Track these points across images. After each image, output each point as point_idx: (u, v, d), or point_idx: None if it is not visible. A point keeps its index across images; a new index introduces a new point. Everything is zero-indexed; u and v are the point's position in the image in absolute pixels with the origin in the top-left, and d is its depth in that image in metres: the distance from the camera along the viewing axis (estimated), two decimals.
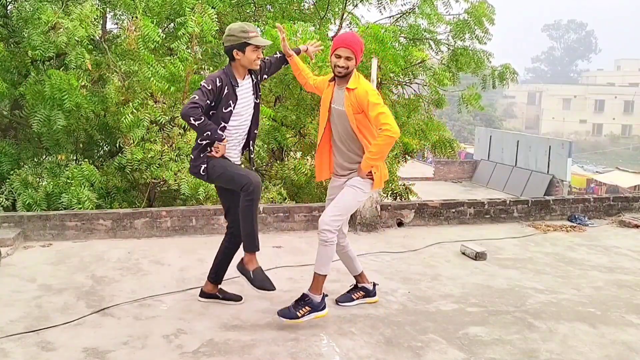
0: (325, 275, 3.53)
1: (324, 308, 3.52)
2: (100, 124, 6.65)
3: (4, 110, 7.36)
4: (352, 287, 3.97)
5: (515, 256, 5.25)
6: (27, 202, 5.57)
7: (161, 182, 6.49)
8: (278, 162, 7.82)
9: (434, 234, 5.91)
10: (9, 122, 7.36)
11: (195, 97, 3.31)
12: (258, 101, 3.68)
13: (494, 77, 9.12)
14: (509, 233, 6.08)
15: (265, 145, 7.18)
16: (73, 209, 5.52)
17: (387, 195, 8.94)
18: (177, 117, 6.24)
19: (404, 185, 9.48)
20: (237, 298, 3.87)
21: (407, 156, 9.66)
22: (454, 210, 6.39)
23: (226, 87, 3.40)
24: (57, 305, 3.73)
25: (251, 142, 3.71)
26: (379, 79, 7.27)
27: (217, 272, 3.83)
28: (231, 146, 3.54)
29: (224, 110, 3.43)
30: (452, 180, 29.33)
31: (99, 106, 6.22)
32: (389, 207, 6.17)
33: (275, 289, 3.51)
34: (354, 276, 3.94)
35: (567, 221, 6.71)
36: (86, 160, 6.09)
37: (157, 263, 4.69)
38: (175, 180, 5.92)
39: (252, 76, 3.60)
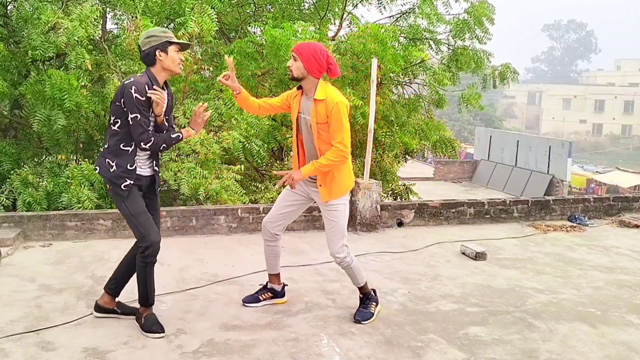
0: (366, 282, 3.71)
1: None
2: (100, 124, 6.65)
3: (4, 110, 7.36)
4: (260, 287, 3.91)
5: (515, 256, 5.25)
6: (27, 201, 5.57)
7: (161, 182, 6.49)
8: (278, 162, 7.82)
9: (434, 234, 5.91)
10: (9, 122, 7.36)
11: (142, 124, 3.11)
12: (168, 117, 3.39)
13: (494, 77, 9.12)
14: (509, 233, 6.08)
15: (265, 145, 7.18)
16: (73, 208, 5.51)
17: (387, 195, 8.94)
18: (177, 117, 6.24)
19: (404, 185, 9.49)
20: (135, 311, 3.46)
21: (407, 156, 9.67)
22: (454, 210, 6.39)
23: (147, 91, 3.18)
24: (57, 305, 3.73)
25: (155, 161, 3.40)
26: (379, 79, 7.28)
27: (117, 284, 3.52)
28: (142, 154, 3.29)
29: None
30: (452, 180, 29.31)
31: (99, 106, 6.22)
32: (389, 207, 6.17)
33: (164, 332, 3.30)
34: (269, 274, 3.86)
35: (567, 221, 6.71)
36: (86, 160, 6.08)
37: (157, 263, 4.67)
38: (175, 180, 5.92)
39: (168, 90, 3.36)
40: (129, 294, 3.61)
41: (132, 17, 6.21)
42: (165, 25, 7.54)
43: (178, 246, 5.16)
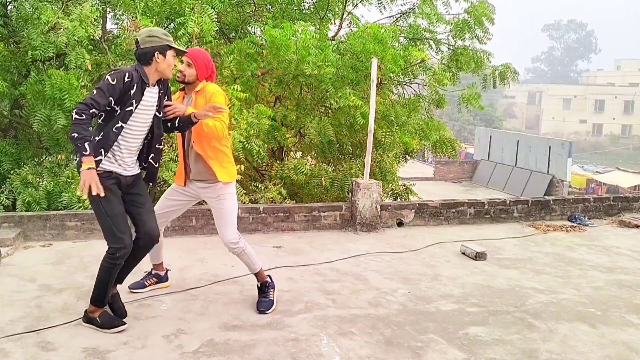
0: (261, 268, 3.85)
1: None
2: None
3: (4, 110, 7.35)
4: (146, 273, 4.13)
5: (515, 256, 5.25)
6: (27, 201, 5.57)
7: (161, 182, 6.48)
8: (278, 162, 7.81)
9: (434, 234, 5.91)
10: (9, 122, 7.35)
11: (93, 94, 3.07)
12: (160, 115, 3.41)
13: (494, 77, 9.11)
14: (509, 233, 6.08)
15: (265, 145, 7.17)
16: (73, 208, 5.51)
17: (387, 195, 8.94)
18: None
19: (404, 185, 9.48)
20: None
21: (407, 156, 9.66)
22: (454, 210, 6.39)
23: (135, 85, 3.18)
24: (57, 305, 3.73)
25: (152, 156, 3.47)
26: (379, 79, 7.27)
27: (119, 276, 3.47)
28: (125, 153, 3.28)
29: (125, 109, 3.19)
30: (452, 180, 29.33)
31: None
32: (389, 207, 6.17)
33: (125, 322, 3.37)
34: (153, 264, 4.09)
35: (567, 221, 6.71)
36: None
37: None
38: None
39: (160, 86, 3.39)
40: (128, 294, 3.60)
41: (132, 17, 6.20)
42: (166, 25, 7.54)
43: (178, 246, 5.16)
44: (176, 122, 3.49)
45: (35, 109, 6.01)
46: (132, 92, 3.19)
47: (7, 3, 6.89)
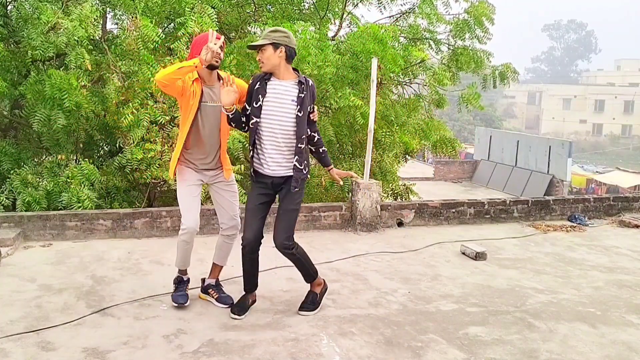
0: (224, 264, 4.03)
1: None
2: (100, 124, 6.64)
3: (4, 110, 7.35)
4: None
5: (515, 256, 5.25)
6: (26, 200, 5.57)
7: (161, 182, 6.48)
8: None
9: (434, 234, 5.91)
10: (9, 122, 7.35)
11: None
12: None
13: (494, 77, 9.11)
14: (509, 233, 6.08)
15: None
16: (73, 208, 5.51)
17: (387, 195, 8.94)
18: (177, 117, 6.23)
19: (404, 185, 9.48)
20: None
21: (407, 156, 9.66)
22: (454, 210, 6.39)
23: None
24: (57, 305, 3.73)
25: (279, 161, 3.55)
26: (379, 79, 7.27)
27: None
28: (263, 157, 3.51)
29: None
30: (452, 180, 29.34)
31: (99, 106, 6.21)
32: (389, 207, 6.17)
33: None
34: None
35: (567, 221, 6.71)
36: (86, 160, 6.08)
37: (157, 263, 4.69)
38: (176, 181, 5.90)
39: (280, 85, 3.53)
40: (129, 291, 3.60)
41: (132, 17, 6.20)
42: (165, 26, 7.54)
43: None
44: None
45: (35, 109, 6.01)
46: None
47: (7, 3, 6.89)
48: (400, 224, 6.17)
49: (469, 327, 3.58)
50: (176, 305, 3.73)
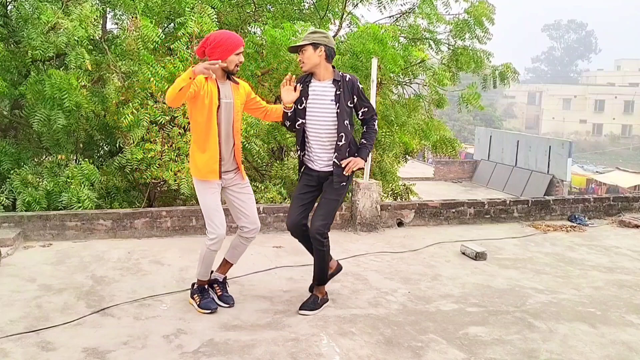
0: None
1: None
2: (100, 124, 6.65)
3: (4, 110, 7.35)
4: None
5: (515, 256, 5.25)
6: (26, 200, 5.57)
7: (161, 182, 6.48)
8: (278, 162, 7.82)
9: (434, 234, 5.91)
10: (9, 122, 7.35)
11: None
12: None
13: (494, 77, 9.11)
14: (509, 233, 6.08)
15: (265, 145, 7.18)
16: (72, 208, 5.51)
17: (387, 195, 8.94)
18: (177, 117, 6.23)
19: (404, 185, 9.49)
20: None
21: (407, 156, 9.66)
22: (454, 210, 6.39)
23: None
24: (57, 305, 3.73)
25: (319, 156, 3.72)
26: (379, 79, 7.27)
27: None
28: (317, 148, 3.68)
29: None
30: (452, 180, 29.34)
31: (99, 106, 6.21)
32: (389, 207, 6.17)
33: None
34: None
35: (567, 221, 6.71)
36: (86, 160, 6.08)
37: (157, 263, 4.69)
38: (175, 180, 5.92)
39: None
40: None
41: (132, 17, 6.20)
42: (166, 26, 7.54)
43: (178, 246, 5.16)
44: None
45: (35, 109, 6.01)
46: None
47: (7, 3, 6.89)
48: (400, 224, 6.17)
49: (469, 327, 3.58)
50: (209, 312, 3.65)
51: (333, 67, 3.69)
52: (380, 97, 7.93)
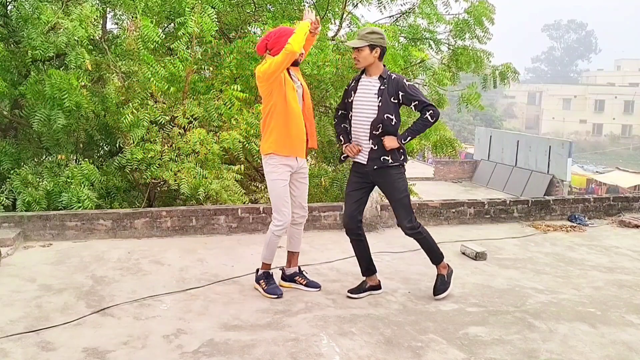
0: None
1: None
2: (100, 124, 6.64)
3: (4, 110, 7.35)
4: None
5: (515, 256, 5.25)
6: (26, 200, 5.57)
7: (161, 182, 6.48)
8: None
9: (434, 234, 5.79)
10: (9, 121, 7.35)
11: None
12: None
13: (494, 77, 9.11)
14: (509, 233, 6.08)
15: None
16: (72, 207, 5.51)
17: None
18: (177, 117, 6.23)
19: None
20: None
21: (407, 156, 9.64)
22: (454, 210, 6.39)
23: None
24: (57, 305, 3.73)
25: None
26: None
27: (367, 264, 4.14)
28: (360, 139, 3.93)
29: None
30: (452, 180, 29.33)
31: (99, 106, 6.21)
32: (389, 207, 6.17)
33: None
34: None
35: (567, 221, 6.71)
36: (86, 160, 6.09)
37: (157, 263, 4.69)
38: (175, 180, 5.92)
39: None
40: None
41: (132, 17, 6.20)
42: (165, 26, 7.53)
43: (178, 246, 5.16)
44: None
45: (35, 109, 6.01)
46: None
47: (7, 3, 6.89)
48: None
49: (469, 327, 3.58)
50: (276, 296, 3.91)
51: (384, 65, 3.93)
52: None
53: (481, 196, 12.75)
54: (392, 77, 3.86)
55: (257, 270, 4.12)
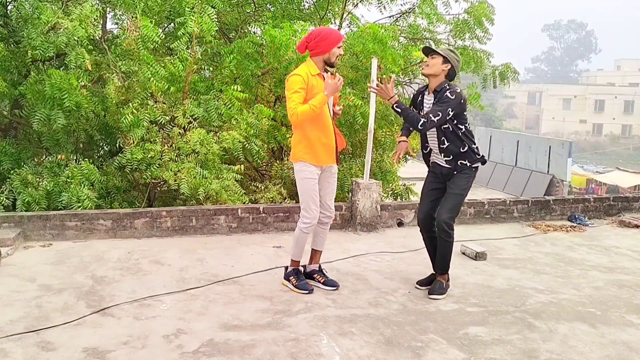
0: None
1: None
2: (100, 124, 6.64)
3: (4, 110, 7.35)
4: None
5: (515, 256, 5.25)
6: (26, 200, 5.57)
7: (161, 182, 6.48)
8: (278, 161, 7.81)
9: None
10: (9, 121, 7.35)
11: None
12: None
13: (494, 77, 9.10)
14: (509, 233, 6.08)
15: (265, 145, 7.18)
16: (72, 207, 5.51)
17: (387, 195, 8.93)
18: (177, 117, 6.23)
19: (404, 185, 9.47)
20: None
21: (407, 156, 9.63)
22: None
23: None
24: (57, 305, 3.73)
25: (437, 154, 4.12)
26: (379, 79, 7.26)
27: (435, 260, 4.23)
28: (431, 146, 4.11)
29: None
30: None
31: (99, 106, 6.21)
32: (389, 207, 6.17)
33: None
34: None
35: (567, 221, 6.71)
36: (86, 160, 6.09)
37: (157, 263, 4.69)
38: (175, 181, 5.92)
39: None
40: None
41: (132, 17, 6.20)
42: (166, 26, 7.53)
43: (178, 246, 5.16)
44: None
45: (35, 109, 6.01)
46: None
47: (7, 3, 6.88)
48: (400, 224, 6.17)
49: (469, 327, 3.58)
50: (307, 292, 4.02)
51: (447, 83, 3.98)
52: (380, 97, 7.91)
53: (481, 196, 12.73)
54: (440, 89, 3.93)
55: (286, 267, 4.22)
